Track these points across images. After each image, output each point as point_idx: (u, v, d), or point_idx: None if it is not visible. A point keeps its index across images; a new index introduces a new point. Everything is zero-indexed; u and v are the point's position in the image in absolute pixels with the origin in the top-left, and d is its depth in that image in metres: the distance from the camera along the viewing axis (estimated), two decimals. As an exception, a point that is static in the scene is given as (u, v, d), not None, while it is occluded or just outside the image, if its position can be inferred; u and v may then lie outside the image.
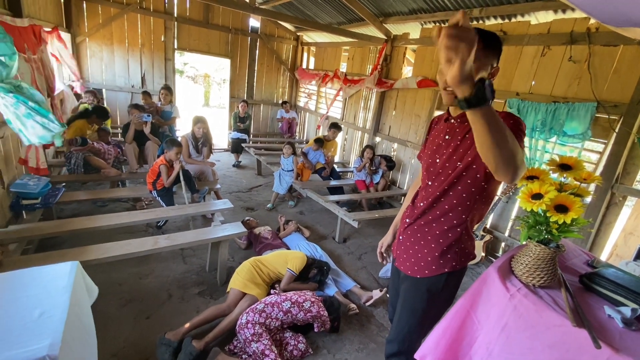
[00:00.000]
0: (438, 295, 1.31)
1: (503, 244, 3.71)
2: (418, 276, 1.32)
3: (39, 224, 2.50)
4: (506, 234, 3.63)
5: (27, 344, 1.09)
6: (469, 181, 1.17)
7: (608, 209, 2.83)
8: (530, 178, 1.10)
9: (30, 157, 2.82)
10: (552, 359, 0.91)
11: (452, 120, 1.25)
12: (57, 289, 1.36)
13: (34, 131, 1.83)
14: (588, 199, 2.82)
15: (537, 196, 1.03)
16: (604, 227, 2.86)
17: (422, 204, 1.32)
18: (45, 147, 3.50)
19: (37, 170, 2.89)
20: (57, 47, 4.21)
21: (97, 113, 3.98)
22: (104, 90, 5.83)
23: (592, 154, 3.04)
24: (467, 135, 1.17)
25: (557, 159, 1.12)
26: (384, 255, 1.67)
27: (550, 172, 1.13)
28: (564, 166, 1.09)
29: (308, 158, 4.76)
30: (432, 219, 1.29)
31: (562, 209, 1.01)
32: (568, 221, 0.98)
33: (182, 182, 3.27)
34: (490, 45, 1.11)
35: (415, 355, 1.27)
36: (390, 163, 4.88)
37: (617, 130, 2.73)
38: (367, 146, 4.88)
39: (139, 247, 2.25)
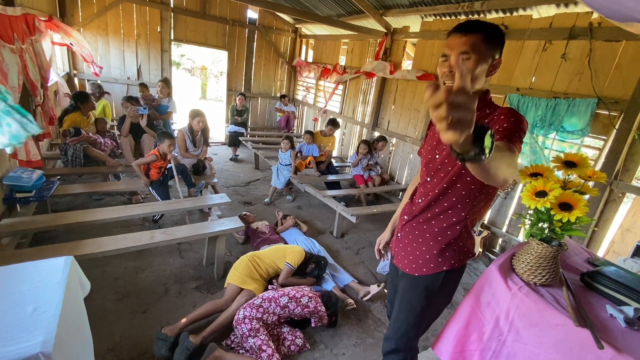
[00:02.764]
0: (436, 293, 1.30)
1: (500, 240, 3.71)
2: (416, 274, 1.31)
3: (33, 217, 2.46)
4: (504, 230, 3.63)
5: (20, 340, 1.07)
6: (468, 178, 1.15)
7: (606, 205, 2.83)
8: (534, 175, 1.08)
9: (19, 150, 2.74)
10: (556, 358, 0.90)
11: None
12: (51, 284, 1.33)
13: (9, 129, 1.77)
14: (587, 196, 2.82)
15: (541, 194, 1.01)
16: (602, 224, 2.87)
17: (420, 201, 1.30)
18: (39, 138, 3.44)
19: (28, 163, 2.80)
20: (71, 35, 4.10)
21: (76, 98, 3.85)
22: (99, 82, 5.73)
23: (591, 150, 3.03)
24: None
25: (562, 156, 1.10)
26: (382, 252, 1.65)
27: (555, 169, 1.11)
28: (569, 163, 1.07)
29: (303, 154, 4.75)
30: (431, 217, 1.27)
31: (566, 207, 0.99)
32: (572, 219, 0.96)
33: (176, 177, 3.21)
34: (492, 37, 1.09)
35: (433, 350, 1.27)
36: (383, 140, 4.74)
37: (617, 126, 2.71)
38: (362, 141, 4.75)
39: (135, 242, 2.22)
